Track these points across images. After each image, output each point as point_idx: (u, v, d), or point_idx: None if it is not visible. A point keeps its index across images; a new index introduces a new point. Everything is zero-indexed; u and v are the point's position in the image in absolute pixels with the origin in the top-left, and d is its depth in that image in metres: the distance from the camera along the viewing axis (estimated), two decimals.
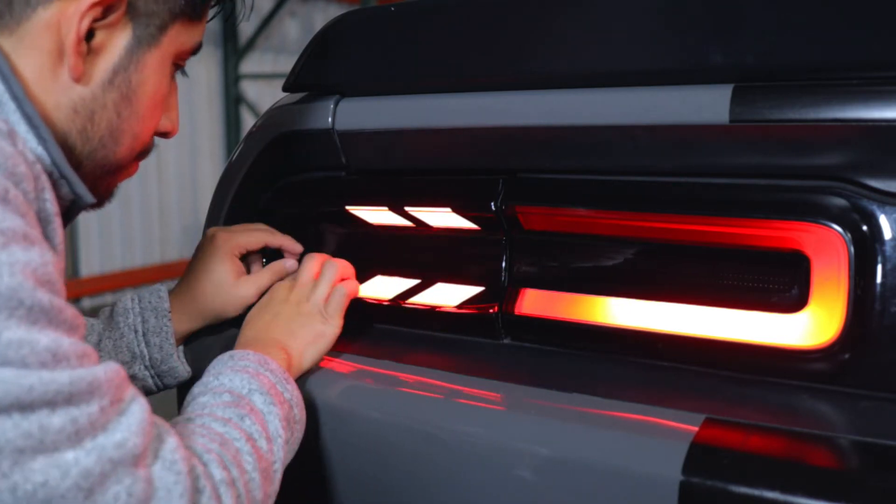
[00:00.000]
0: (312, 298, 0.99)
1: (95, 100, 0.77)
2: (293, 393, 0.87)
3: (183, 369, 1.07)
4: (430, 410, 0.88)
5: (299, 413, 0.87)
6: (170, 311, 1.06)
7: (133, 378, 1.06)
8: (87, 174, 0.80)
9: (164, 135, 0.89)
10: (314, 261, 1.04)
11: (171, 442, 0.67)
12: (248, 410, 0.80)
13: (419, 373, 0.95)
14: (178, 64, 0.87)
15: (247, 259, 1.12)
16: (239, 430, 0.77)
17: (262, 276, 1.09)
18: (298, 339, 0.95)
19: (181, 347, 1.10)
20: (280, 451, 0.80)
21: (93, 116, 0.77)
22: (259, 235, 1.10)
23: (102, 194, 0.85)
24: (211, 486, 0.68)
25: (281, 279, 1.08)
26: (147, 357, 1.06)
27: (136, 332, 1.06)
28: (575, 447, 0.78)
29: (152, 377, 1.07)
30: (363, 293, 1.10)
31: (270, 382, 0.84)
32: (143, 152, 0.86)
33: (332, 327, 0.98)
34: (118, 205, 5.69)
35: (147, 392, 1.07)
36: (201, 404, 0.81)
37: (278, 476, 0.79)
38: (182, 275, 1.11)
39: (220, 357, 0.88)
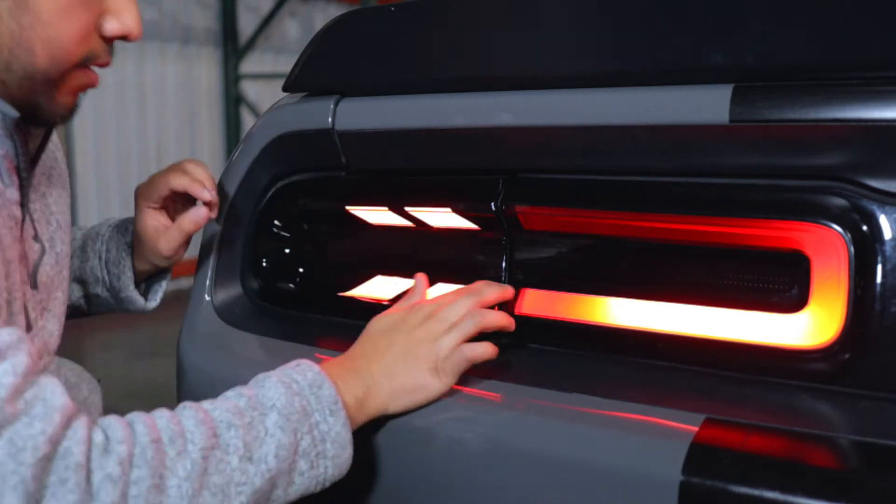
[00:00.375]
0: (437, 345, 0.87)
1: None
2: (333, 426, 0.80)
3: (140, 301, 1.14)
4: (429, 410, 0.88)
5: (334, 449, 0.80)
6: (130, 247, 1.13)
7: (97, 297, 1.16)
8: (15, 88, 0.80)
9: (123, 38, 0.85)
10: (467, 299, 0.90)
11: (39, 426, 0.64)
12: (247, 422, 0.76)
13: None
14: None
15: (175, 205, 1.10)
16: (210, 436, 0.73)
17: (173, 234, 1.07)
18: (395, 383, 0.86)
19: (162, 283, 1.17)
20: (259, 479, 0.75)
21: None
22: (167, 181, 1.06)
23: (55, 108, 0.84)
24: (81, 476, 0.65)
25: (193, 230, 1.06)
26: (107, 282, 1.13)
27: (99, 258, 1.13)
28: (575, 447, 0.78)
29: (114, 300, 1.15)
30: (363, 293, 1.10)
31: (305, 409, 0.79)
32: (87, 58, 0.83)
33: (439, 383, 0.86)
34: (118, 204, 5.70)
35: (110, 310, 1.19)
36: (220, 398, 0.79)
37: (242, 499, 0.74)
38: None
39: (296, 360, 0.84)
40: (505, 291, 0.93)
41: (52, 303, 0.94)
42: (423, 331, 0.88)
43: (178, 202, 1.10)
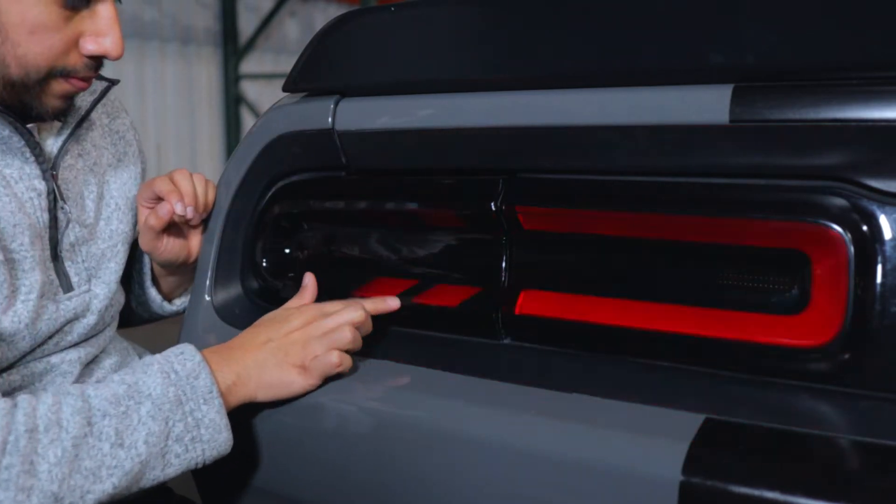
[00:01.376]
0: (308, 349, 0.96)
1: None
2: (206, 413, 0.89)
3: (157, 300, 1.25)
4: (429, 410, 0.88)
5: (208, 434, 0.89)
6: None
7: (130, 310, 1.29)
8: (3, 92, 0.93)
9: (104, 56, 0.96)
10: (349, 312, 0.99)
11: None
12: (122, 411, 0.85)
13: (419, 373, 0.95)
14: None
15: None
16: (84, 425, 0.82)
17: (144, 230, 1.14)
18: (263, 376, 0.95)
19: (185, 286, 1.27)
20: (129, 462, 0.84)
21: None
22: (155, 185, 1.12)
23: (43, 109, 0.96)
24: None
25: (156, 226, 1.11)
26: (132, 278, 1.26)
27: (132, 255, 1.23)
28: (575, 447, 0.78)
29: (142, 295, 1.26)
30: (362, 293, 1.10)
31: (179, 398, 0.88)
32: (61, 72, 0.94)
33: (304, 382, 0.95)
34: None
35: (137, 318, 1.31)
36: (106, 383, 0.88)
37: (114, 480, 0.83)
38: None
39: (183, 345, 0.93)
40: (388, 305, 1.03)
41: (103, 271, 1.10)
42: (300, 333, 0.97)
43: None
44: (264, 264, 1.18)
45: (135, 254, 1.25)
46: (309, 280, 1.06)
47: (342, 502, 0.95)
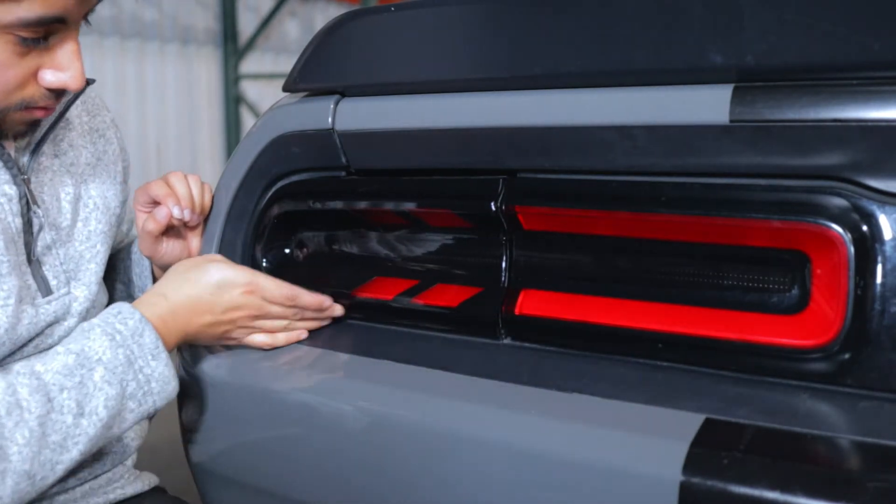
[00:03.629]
0: (237, 333, 1.05)
1: None
2: (155, 368, 0.94)
3: None
4: (429, 410, 0.88)
5: (159, 386, 0.95)
6: None
7: (131, 300, 1.25)
8: None
9: (65, 88, 0.93)
10: (286, 311, 1.06)
11: None
12: (77, 382, 0.88)
13: (419, 373, 0.95)
14: (20, 35, 0.87)
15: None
16: (45, 402, 0.85)
17: (142, 234, 1.15)
18: (197, 340, 1.04)
19: None
20: (92, 428, 0.89)
21: None
22: (150, 188, 1.14)
23: (10, 130, 0.97)
24: None
25: (154, 230, 1.12)
26: (133, 283, 1.26)
27: (131, 258, 1.27)
28: (575, 447, 0.78)
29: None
30: (363, 293, 1.10)
31: (129, 358, 0.92)
32: (21, 105, 0.92)
33: (228, 343, 1.06)
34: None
35: None
36: (51, 356, 0.91)
37: (80, 447, 0.88)
38: None
39: (117, 304, 0.97)
40: (322, 303, 1.07)
41: (83, 273, 1.08)
42: (240, 326, 1.04)
43: None
44: (264, 264, 1.18)
45: (132, 257, 1.26)
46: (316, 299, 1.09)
47: (342, 502, 0.95)
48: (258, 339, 1.06)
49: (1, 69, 0.89)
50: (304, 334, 1.08)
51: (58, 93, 0.94)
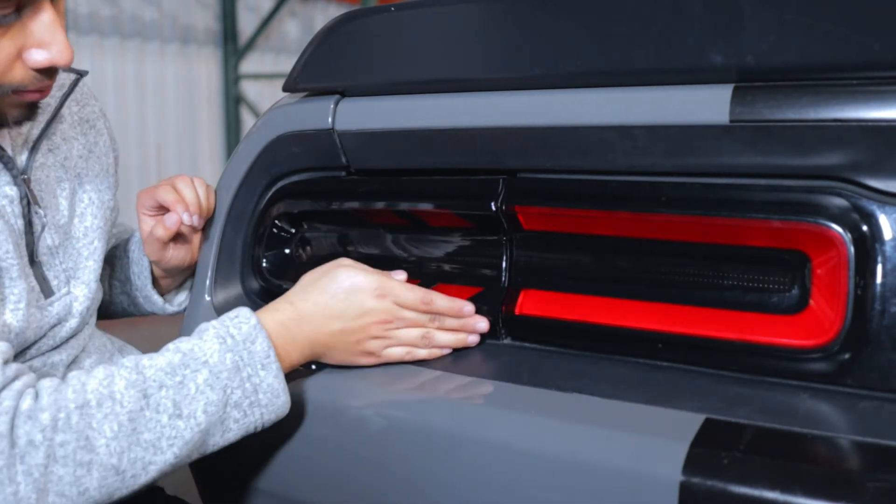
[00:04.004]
0: (376, 344, 0.97)
1: None
2: (264, 379, 0.88)
3: (159, 301, 1.23)
4: (430, 410, 0.88)
5: (266, 398, 0.88)
6: None
7: (122, 295, 1.28)
8: None
9: (52, 66, 0.87)
10: (427, 322, 0.98)
11: None
12: (178, 381, 0.84)
13: (419, 373, 0.95)
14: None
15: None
16: (139, 398, 0.82)
17: (150, 240, 1.13)
18: (328, 357, 0.97)
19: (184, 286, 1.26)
20: (189, 432, 0.84)
21: None
22: (157, 193, 1.12)
23: (6, 118, 0.93)
24: (5, 443, 0.75)
25: (164, 236, 1.11)
26: (131, 280, 1.24)
27: (128, 256, 1.24)
28: (575, 447, 0.78)
29: (135, 298, 1.25)
30: None
31: (237, 364, 0.87)
32: (13, 89, 0.87)
33: (366, 362, 0.97)
34: (119, 203, 5.69)
35: (131, 311, 1.29)
36: (162, 351, 0.87)
37: (176, 450, 0.83)
38: None
39: (238, 308, 0.91)
40: (461, 308, 0.99)
41: (81, 271, 1.05)
42: (374, 336, 0.96)
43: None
44: (264, 264, 1.18)
45: (130, 255, 1.24)
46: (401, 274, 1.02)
47: (342, 502, 0.94)
48: (396, 352, 0.97)
49: None
50: (445, 350, 0.99)
51: (48, 72, 0.89)
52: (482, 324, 0.99)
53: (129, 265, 1.25)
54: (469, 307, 0.99)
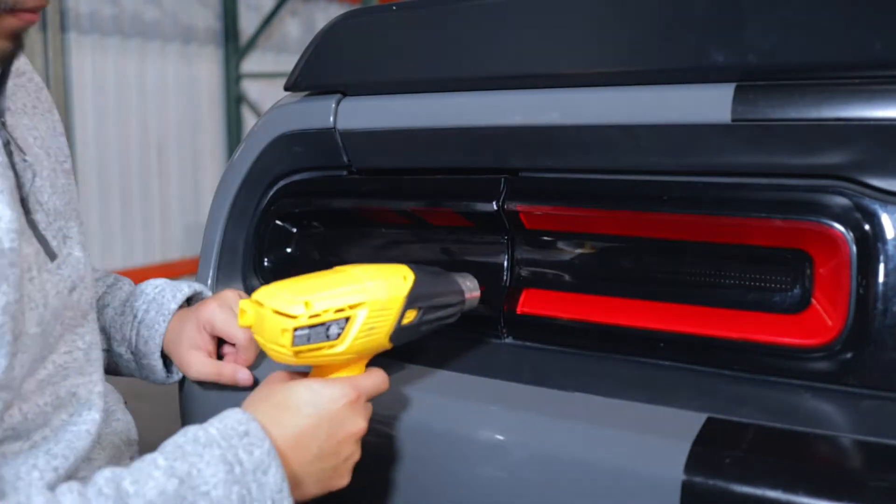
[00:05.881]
0: (348, 466, 0.83)
1: None
2: None
3: (161, 373, 1.06)
4: (431, 409, 0.88)
5: None
6: (172, 316, 1.05)
7: (119, 356, 1.07)
8: None
9: (33, 9, 0.77)
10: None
11: None
12: None
13: (420, 372, 0.95)
14: None
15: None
16: None
17: (206, 369, 1.01)
18: (305, 490, 0.81)
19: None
20: None
21: None
22: (228, 326, 1.00)
23: None
24: None
25: (220, 383, 1.00)
26: (133, 344, 1.05)
27: (135, 316, 1.06)
28: (577, 447, 0.78)
29: (135, 364, 1.07)
30: None
31: (243, 497, 0.72)
32: (8, 6, 0.75)
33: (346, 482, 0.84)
34: (119, 203, 5.70)
35: (129, 374, 1.09)
36: (148, 469, 0.71)
37: None
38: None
39: (245, 419, 0.76)
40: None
41: (70, 230, 0.89)
42: (350, 456, 0.83)
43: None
44: (266, 264, 1.18)
45: (142, 321, 1.06)
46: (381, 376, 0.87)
47: (339, 500, 0.94)
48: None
49: None
50: None
51: None
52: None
53: (134, 326, 1.06)
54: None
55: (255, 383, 1.00)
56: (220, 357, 1.05)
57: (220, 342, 1.04)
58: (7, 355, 0.72)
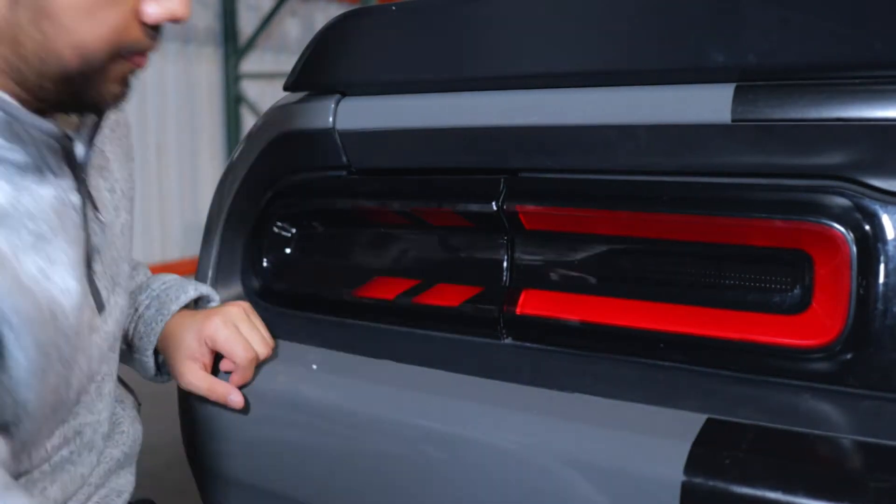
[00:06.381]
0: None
1: (9, 23, 0.72)
2: None
3: (151, 371, 1.07)
4: (430, 410, 0.88)
5: None
6: (171, 317, 1.05)
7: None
8: (54, 92, 0.77)
9: (171, 20, 0.79)
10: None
11: None
12: None
13: (420, 373, 0.94)
14: None
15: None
16: None
17: (200, 383, 1.02)
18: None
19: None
20: None
21: (17, 39, 0.73)
22: (231, 345, 1.00)
23: (102, 99, 0.80)
24: None
25: (217, 398, 1.01)
26: (129, 336, 1.06)
27: (136, 309, 1.06)
28: (576, 448, 0.78)
29: (129, 355, 1.08)
30: (364, 293, 1.10)
31: None
32: (125, 51, 0.78)
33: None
34: None
35: (123, 362, 1.07)
36: None
37: None
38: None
39: None
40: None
41: (120, 276, 0.92)
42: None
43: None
44: (265, 264, 1.18)
45: (141, 316, 1.07)
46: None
47: (342, 502, 0.94)
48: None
49: (87, 19, 0.74)
50: None
51: (158, 33, 0.80)
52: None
53: (135, 319, 1.07)
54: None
55: (247, 404, 1.00)
56: (215, 366, 1.04)
57: (217, 355, 1.04)
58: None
